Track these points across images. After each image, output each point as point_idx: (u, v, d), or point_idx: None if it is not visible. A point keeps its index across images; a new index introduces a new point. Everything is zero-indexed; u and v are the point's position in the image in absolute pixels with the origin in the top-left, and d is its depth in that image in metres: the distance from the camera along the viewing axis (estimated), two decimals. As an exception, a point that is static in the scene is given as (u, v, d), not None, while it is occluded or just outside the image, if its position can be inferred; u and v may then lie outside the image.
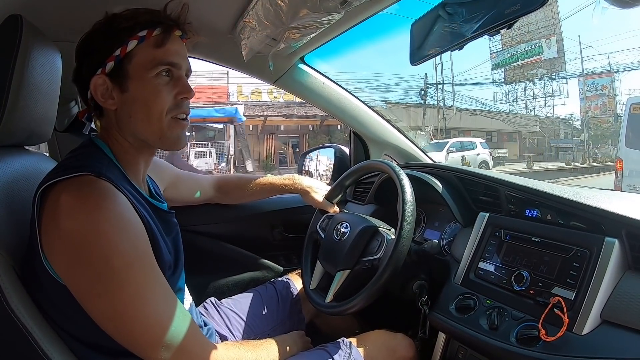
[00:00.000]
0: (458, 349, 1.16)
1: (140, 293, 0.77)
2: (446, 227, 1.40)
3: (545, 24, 24.01)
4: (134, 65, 0.87)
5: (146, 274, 0.79)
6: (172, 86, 0.90)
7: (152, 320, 0.79)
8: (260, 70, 1.67)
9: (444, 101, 23.94)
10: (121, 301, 0.76)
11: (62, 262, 0.76)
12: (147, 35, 0.87)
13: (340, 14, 1.06)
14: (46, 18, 1.17)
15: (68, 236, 0.74)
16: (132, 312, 0.77)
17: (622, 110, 7.71)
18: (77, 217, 0.75)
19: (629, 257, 0.91)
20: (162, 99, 0.89)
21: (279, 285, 1.48)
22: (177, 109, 0.91)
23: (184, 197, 1.43)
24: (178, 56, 0.91)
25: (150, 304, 0.79)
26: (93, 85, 0.88)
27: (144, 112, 0.89)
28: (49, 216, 0.76)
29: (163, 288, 0.83)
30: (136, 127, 0.90)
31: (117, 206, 0.78)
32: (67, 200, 0.75)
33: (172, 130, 0.92)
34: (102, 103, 0.89)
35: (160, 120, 0.89)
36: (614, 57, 35.11)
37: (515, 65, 26.11)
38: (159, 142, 0.92)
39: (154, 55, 0.88)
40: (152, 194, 1.02)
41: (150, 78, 0.88)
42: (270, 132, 24.21)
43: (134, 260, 0.78)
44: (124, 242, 0.77)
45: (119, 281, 0.75)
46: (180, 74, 0.92)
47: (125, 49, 0.86)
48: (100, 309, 0.77)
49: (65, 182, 0.77)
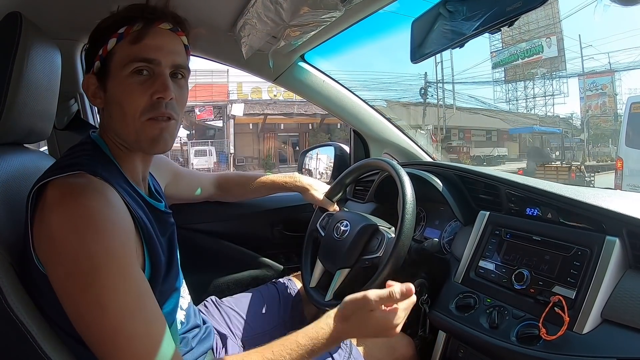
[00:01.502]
0: (458, 348, 1.16)
1: (103, 299, 0.72)
2: (446, 226, 1.40)
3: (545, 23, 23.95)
4: (113, 64, 0.85)
5: (114, 281, 0.73)
6: (149, 85, 0.84)
7: (109, 332, 0.72)
8: (260, 68, 1.67)
9: (444, 100, 23.91)
10: (83, 304, 0.72)
11: (44, 258, 0.75)
12: (126, 32, 0.84)
13: (341, 12, 1.06)
14: (46, 16, 1.17)
15: (48, 230, 0.73)
16: (91, 318, 0.72)
17: (623, 110, 7.71)
18: (58, 212, 0.73)
19: (629, 256, 0.91)
20: (134, 99, 0.84)
21: (281, 286, 1.48)
22: (152, 110, 0.85)
23: (184, 194, 1.43)
24: (158, 51, 0.85)
25: (112, 314, 0.72)
26: (85, 84, 0.88)
27: (119, 112, 0.85)
28: (39, 213, 0.75)
29: (133, 297, 0.75)
30: (115, 128, 0.88)
31: (98, 204, 0.75)
32: (54, 195, 0.75)
33: (147, 132, 0.85)
34: (91, 102, 0.90)
35: (134, 121, 0.84)
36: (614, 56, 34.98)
37: (516, 64, 26.04)
38: (136, 145, 0.88)
39: (129, 52, 0.84)
40: (151, 193, 1.01)
41: (124, 76, 0.84)
42: (270, 130, 24.26)
43: (102, 264, 0.72)
44: (95, 244, 0.73)
45: (84, 283, 0.71)
46: (160, 71, 0.85)
47: (106, 49, 0.85)
48: (68, 309, 0.74)
49: (58, 180, 0.76)
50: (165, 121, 0.87)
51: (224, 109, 22.69)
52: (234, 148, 22.78)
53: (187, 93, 0.94)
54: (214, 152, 22.06)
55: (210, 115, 22.99)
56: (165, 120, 0.86)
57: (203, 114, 22.79)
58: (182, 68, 0.90)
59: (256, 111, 22.77)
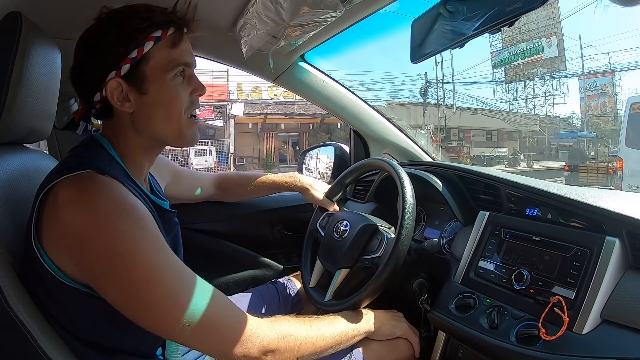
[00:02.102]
0: (458, 348, 1.16)
1: (151, 274, 0.75)
2: (446, 226, 1.40)
3: (545, 23, 23.95)
4: (151, 67, 0.85)
5: (155, 254, 0.77)
6: (187, 85, 0.90)
7: (168, 301, 0.75)
8: (261, 68, 1.67)
9: (444, 100, 23.92)
10: (133, 285, 0.74)
11: (67, 257, 0.75)
12: (162, 36, 0.85)
13: (341, 12, 1.06)
14: (46, 15, 1.17)
15: (70, 230, 0.73)
16: (146, 295, 0.74)
17: (623, 110, 7.71)
18: (77, 209, 0.74)
19: (629, 257, 0.91)
20: (180, 100, 0.89)
21: (280, 286, 1.48)
22: (192, 107, 0.92)
23: (184, 194, 1.43)
24: (190, 55, 0.91)
25: (164, 284, 0.75)
26: (109, 89, 0.84)
27: (164, 113, 0.88)
28: (50, 213, 0.75)
29: (176, 266, 0.80)
30: (155, 129, 0.90)
31: (117, 193, 0.78)
32: (67, 194, 0.75)
33: (190, 128, 0.93)
34: (118, 107, 0.86)
35: (179, 120, 0.90)
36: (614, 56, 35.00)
37: (516, 64, 26.05)
38: (178, 141, 0.93)
39: (171, 57, 0.87)
40: (153, 192, 1.02)
41: (168, 79, 0.87)
42: (270, 130, 24.25)
43: (140, 242, 0.75)
44: (126, 225, 0.75)
45: (127, 265, 0.73)
46: (191, 72, 0.92)
47: (142, 51, 0.84)
48: (115, 296, 0.75)
49: (67, 179, 0.77)
50: (197, 117, 0.95)
51: (224, 109, 22.68)
52: (234, 148, 22.78)
53: None
54: (214, 152, 22.05)
55: (211, 115, 22.98)
56: (197, 116, 0.95)
57: (203, 113, 22.76)
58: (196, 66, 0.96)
59: (256, 111, 22.76)
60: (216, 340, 0.80)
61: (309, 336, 0.93)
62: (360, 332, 1.08)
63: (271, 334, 0.86)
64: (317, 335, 0.95)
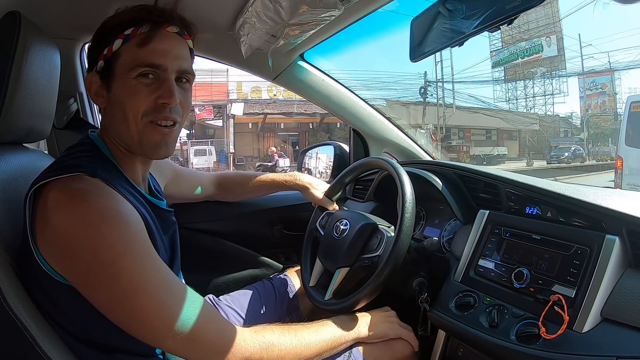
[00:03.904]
0: (458, 347, 1.16)
1: (134, 284, 0.74)
2: (446, 225, 1.40)
3: (545, 22, 23.95)
4: (119, 65, 0.85)
5: (140, 263, 0.76)
6: (154, 89, 0.85)
7: (151, 310, 0.75)
8: (260, 68, 1.67)
9: (444, 99, 23.92)
10: (116, 293, 0.73)
11: (56, 258, 0.75)
12: (132, 34, 0.85)
13: (340, 11, 1.06)
14: (45, 15, 1.17)
15: (58, 232, 0.73)
16: (129, 304, 0.74)
17: (622, 109, 7.71)
18: (65, 212, 0.74)
19: (629, 255, 0.91)
20: (137, 101, 0.85)
21: (277, 282, 1.48)
22: (154, 113, 0.86)
23: (184, 194, 1.43)
24: (164, 56, 0.86)
25: (148, 292, 0.75)
26: (87, 82, 0.88)
27: (121, 113, 0.86)
28: (41, 214, 0.76)
29: (161, 274, 0.79)
30: (117, 129, 0.88)
31: (104, 199, 0.77)
32: (55, 196, 0.75)
33: (149, 135, 0.87)
34: (94, 100, 0.90)
35: (135, 123, 0.85)
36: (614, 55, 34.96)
37: (515, 64, 26.05)
38: (139, 148, 0.89)
39: (136, 55, 0.84)
40: (152, 192, 1.01)
41: (129, 79, 0.84)
42: (270, 129, 24.27)
43: (125, 250, 0.74)
44: (112, 233, 0.74)
45: (111, 273, 0.73)
46: (166, 76, 0.86)
47: (111, 49, 0.85)
48: (100, 302, 0.75)
49: (57, 181, 0.77)
50: (168, 127, 0.88)
51: (223, 109, 22.69)
52: (234, 147, 22.79)
53: (191, 97, 0.94)
54: (213, 151, 22.04)
55: (210, 115, 23.00)
56: (170, 126, 0.88)
57: (203, 113, 22.78)
58: (187, 73, 0.91)
59: (256, 110, 22.77)
60: (198, 351, 0.80)
61: (292, 346, 0.93)
62: (348, 339, 1.07)
63: (254, 345, 0.85)
64: (301, 345, 0.95)
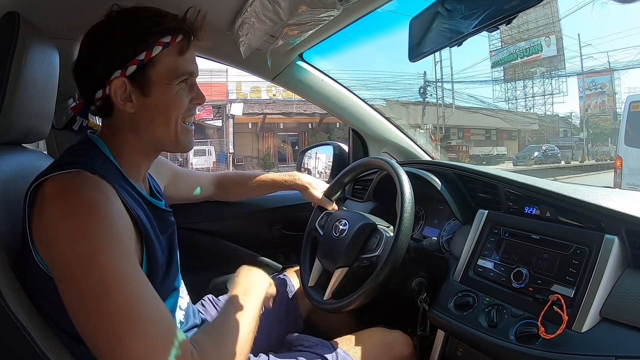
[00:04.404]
0: (457, 347, 1.16)
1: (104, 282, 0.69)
2: (445, 225, 1.40)
3: (544, 22, 23.96)
4: (157, 71, 0.86)
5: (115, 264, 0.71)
6: (188, 92, 0.92)
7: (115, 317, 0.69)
8: (259, 68, 1.66)
9: (444, 99, 23.90)
10: (85, 290, 0.70)
11: (43, 250, 0.75)
12: (171, 42, 0.86)
13: (339, 11, 1.06)
14: (44, 15, 1.17)
15: (46, 222, 0.73)
16: (93, 305, 0.70)
17: (622, 109, 7.71)
18: (55, 203, 0.73)
19: (628, 255, 0.91)
20: (180, 106, 0.90)
21: (276, 282, 1.48)
22: (189, 114, 0.94)
23: (183, 195, 1.43)
24: (195, 65, 0.93)
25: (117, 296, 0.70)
26: (113, 87, 0.85)
27: (164, 117, 0.89)
28: (37, 209, 0.75)
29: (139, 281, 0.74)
30: (155, 131, 0.90)
31: (97, 194, 0.76)
32: (51, 190, 0.75)
33: (185, 134, 0.94)
34: (120, 106, 0.86)
35: (176, 125, 0.91)
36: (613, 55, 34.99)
37: (515, 63, 26.05)
38: (174, 145, 0.94)
39: (178, 64, 0.88)
40: (152, 192, 1.02)
41: (173, 85, 0.88)
42: (269, 129, 24.24)
43: (102, 247, 0.71)
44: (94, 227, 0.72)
45: (85, 267, 0.70)
46: (194, 81, 0.93)
47: (150, 54, 0.85)
48: (67, 299, 0.72)
49: (56, 176, 0.77)
50: (192, 125, 0.96)
51: (223, 109, 22.65)
52: (234, 147, 22.76)
53: None
54: (213, 151, 22.03)
55: (210, 115, 22.96)
56: (193, 124, 0.97)
57: (202, 113, 22.74)
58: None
59: (255, 111, 22.74)
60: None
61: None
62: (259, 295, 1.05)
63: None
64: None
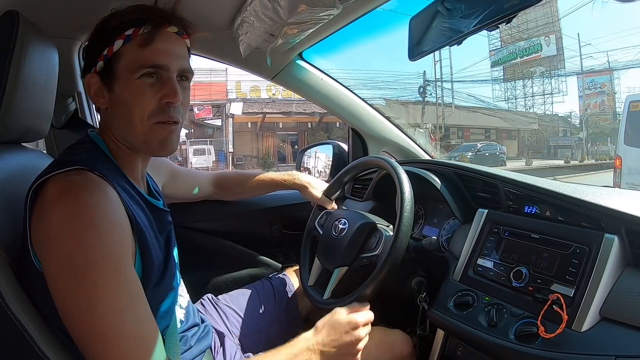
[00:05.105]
0: (457, 346, 1.16)
1: (93, 297, 0.71)
2: (445, 224, 1.40)
3: (544, 22, 23.96)
4: (120, 66, 0.85)
5: (107, 279, 0.72)
6: (157, 89, 0.85)
7: (98, 330, 0.71)
8: (259, 67, 1.66)
9: (443, 98, 23.91)
10: (73, 301, 0.71)
11: (40, 253, 0.75)
12: (133, 34, 0.84)
13: (338, 10, 1.06)
14: (43, 14, 1.17)
15: (46, 227, 0.73)
16: (80, 316, 0.71)
17: (621, 108, 7.71)
18: (57, 209, 0.73)
19: (628, 254, 0.91)
20: (143, 102, 0.85)
21: (276, 281, 1.48)
22: (161, 114, 0.86)
23: (182, 194, 1.42)
24: (167, 56, 0.86)
25: (102, 312, 0.71)
26: (87, 83, 0.87)
27: (127, 114, 0.85)
28: (38, 210, 0.75)
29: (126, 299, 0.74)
30: (121, 129, 0.88)
31: (96, 199, 0.75)
32: (52, 192, 0.75)
33: (155, 135, 0.87)
34: (94, 101, 0.89)
35: (142, 124, 0.85)
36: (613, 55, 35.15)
37: (514, 63, 26.05)
38: (144, 147, 0.89)
39: (138, 56, 0.84)
40: (150, 192, 1.01)
41: (133, 80, 0.84)
42: (269, 129, 24.23)
43: (97, 261, 0.72)
44: (92, 239, 0.72)
45: (77, 280, 0.71)
46: (168, 76, 0.86)
47: (111, 49, 0.84)
48: (58, 304, 0.73)
49: (57, 176, 0.76)
50: (172, 124, 0.88)
51: (222, 108, 22.67)
52: (233, 147, 22.76)
53: (190, 95, 0.95)
54: (212, 151, 22.02)
55: (209, 114, 22.97)
56: (173, 123, 0.88)
57: (202, 112, 22.75)
58: (187, 71, 0.91)
59: (255, 110, 22.74)
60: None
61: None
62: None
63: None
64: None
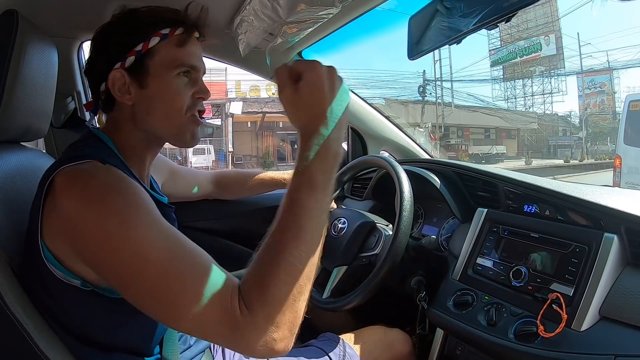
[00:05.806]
0: (456, 345, 1.16)
1: (140, 251, 0.69)
2: (444, 223, 1.40)
3: (544, 21, 23.98)
4: (155, 63, 0.86)
5: (147, 229, 0.70)
6: (190, 86, 0.90)
7: (159, 282, 0.68)
8: (258, 66, 1.67)
9: (443, 98, 23.91)
10: (122, 265, 0.69)
11: (65, 245, 0.73)
12: (170, 34, 0.86)
13: (338, 9, 1.05)
14: (42, 13, 1.17)
15: (65, 214, 0.71)
16: (136, 278, 0.69)
17: (621, 108, 7.72)
18: (72, 191, 0.72)
19: (627, 253, 0.91)
20: (180, 97, 0.88)
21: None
22: (194, 108, 0.91)
23: (181, 193, 1.42)
24: (197, 59, 0.91)
25: (155, 262, 0.68)
26: (111, 79, 0.85)
27: (164, 109, 0.88)
28: (50, 203, 0.74)
29: (173, 240, 0.72)
30: (154, 123, 0.89)
31: (112, 177, 0.75)
32: (64, 180, 0.73)
33: (189, 127, 0.91)
34: (118, 97, 0.87)
35: (179, 116, 0.89)
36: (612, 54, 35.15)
37: (514, 62, 26.08)
38: (176, 138, 0.92)
39: (176, 55, 0.87)
40: (153, 189, 1.02)
41: (171, 76, 0.87)
42: (268, 128, 24.23)
43: (132, 216, 0.70)
44: (117, 201, 0.71)
45: (117, 243, 0.68)
46: (198, 77, 0.92)
47: (147, 45, 0.85)
48: (111, 281, 0.72)
49: (66, 168, 0.75)
50: (201, 118, 0.93)
51: (222, 107, 22.65)
52: (233, 146, 22.76)
53: None
54: (212, 150, 22.02)
55: (209, 114, 22.96)
56: (201, 116, 0.94)
57: (201, 112, 22.74)
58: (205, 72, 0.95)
59: (255, 109, 22.75)
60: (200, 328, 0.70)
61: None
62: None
63: None
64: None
